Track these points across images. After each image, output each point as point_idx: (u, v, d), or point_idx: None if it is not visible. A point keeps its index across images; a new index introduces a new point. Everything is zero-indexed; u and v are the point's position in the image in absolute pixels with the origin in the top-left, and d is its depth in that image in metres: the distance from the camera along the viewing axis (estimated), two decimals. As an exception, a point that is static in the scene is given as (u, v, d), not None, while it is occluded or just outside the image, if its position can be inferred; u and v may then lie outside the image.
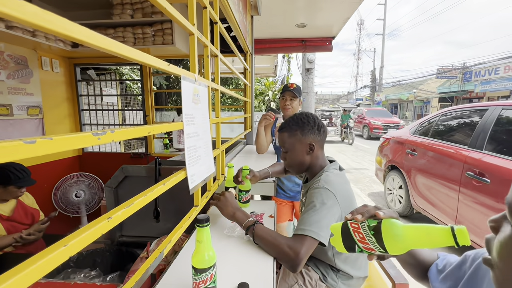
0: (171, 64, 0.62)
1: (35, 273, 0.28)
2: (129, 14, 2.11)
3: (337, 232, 0.50)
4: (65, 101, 2.58)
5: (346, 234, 0.49)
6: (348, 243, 0.48)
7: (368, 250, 0.47)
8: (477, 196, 2.04)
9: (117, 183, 1.36)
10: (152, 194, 0.53)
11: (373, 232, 0.45)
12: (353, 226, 0.48)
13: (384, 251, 0.45)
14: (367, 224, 0.47)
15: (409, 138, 3.21)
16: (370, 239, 0.45)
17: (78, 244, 0.34)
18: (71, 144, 0.33)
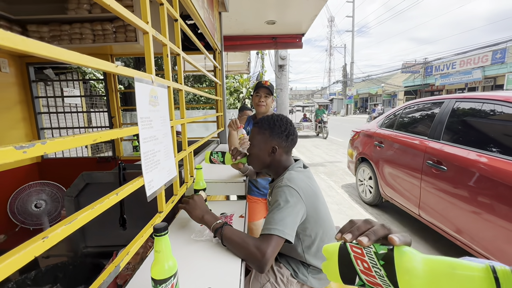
0: (119, 65, 0.58)
1: None
2: (86, 9, 1.97)
3: (331, 255, 0.39)
4: (18, 104, 2.35)
5: (344, 260, 0.37)
6: (346, 272, 0.37)
7: (373, 286, 0.36)
8: (436, 183, 2.20)
9: (78, 191, 1.28)
10: (101, 206, 0.50)
11: (383, 263, 0.35)
12: (355, 250, 0.37)
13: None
14: (373, 251, 0.36)
15: (377, 131, 3.38)
16: (378, 272, 0.35)
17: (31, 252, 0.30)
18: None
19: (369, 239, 0.36)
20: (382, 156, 3.10)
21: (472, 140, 2.06)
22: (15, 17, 1.90)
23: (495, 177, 1.72)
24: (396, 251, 0.34)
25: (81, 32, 2.00)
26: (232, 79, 10.54)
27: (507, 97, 1.92)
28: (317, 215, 0.93)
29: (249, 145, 1.04)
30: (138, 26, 0.69)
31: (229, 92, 10.36)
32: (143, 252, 1.12)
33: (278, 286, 0.98)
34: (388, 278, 0.34)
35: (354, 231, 0.38)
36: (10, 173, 2.25)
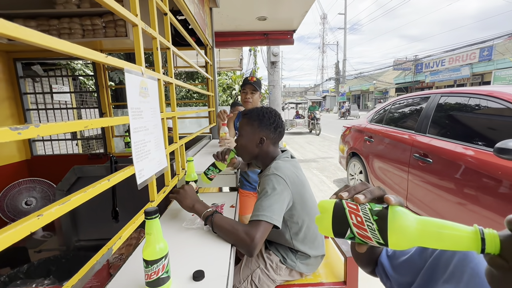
0: (109, 56, 0.59)
1: None
2: (74, 4, 1.95)
3: (326, 210, 0.41)
4: (6, 100, 2.32)
5: (338, 214, 0.40)
6: (339, 226, 0.40)
7: (363, 238, 0.38)
8: (422, 175, 2.27)
9: (69, 185, 1.28)
10: (94, 189, 0.52)
11: (376, 218, 0.37)
12: (350, 206, 0.40)
13: (383, 243, 0.37)
14: (369, 207, 0.39)
15: (366, 126, 3.45)
16: (370, 226, 0.37)
17: (17, 233, 0.32)
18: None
19: (365, 197, 0.39)
20: (371, 150, 3.17)
21: (457, 133, 2.13)
22: (1, 11, 1.87)
23: (479, 169, 1.79)
24: (391, 209, 0.37)
25: (70, 27, 1.98)
26: (225, 76, 10.51)
27: (490, 91, 2.00)
28: (303, 203, 0.97)
29: (229, 143, 1.07)
30: (127, 19, 0.71)
31: (222, 89, 10.33)
32: (136, 243, 1.14)
33: (268, 272, 1.02)
34: (379, 232, 0.37)
35: (350, 190, 0.42)
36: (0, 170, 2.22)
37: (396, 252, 0.55)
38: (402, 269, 0.51)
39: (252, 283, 1.01)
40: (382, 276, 0.56)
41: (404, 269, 0.51)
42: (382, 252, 0.57)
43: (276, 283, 1.03)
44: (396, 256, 0.54)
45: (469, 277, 0.39)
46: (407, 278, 0.49)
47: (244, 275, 1.03)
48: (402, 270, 0.51)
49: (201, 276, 0.65)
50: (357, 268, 1.04)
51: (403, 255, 0.52)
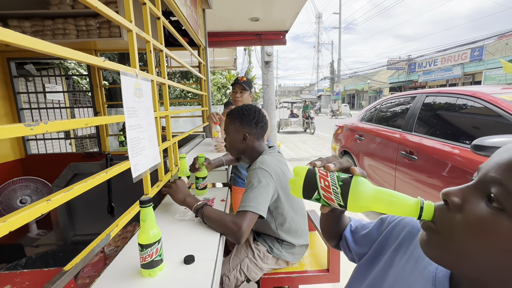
0: (107, 60, 0.65)
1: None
2: (69, 5, 1.98)
3: (299, 174, 0.47)
4: (0, 99, 2.34)
5: (310, 178, 0.46)
6: (308, 188, 0.46)
7: (327, 200, 0.45)
8: (408, 172, 2.37)
9: (66, 181, 1.33)
10: (93, 180, 0.58)
11: (341, 183, 0.43)
12: (321, 172, 0.45)
13: (343, 206, 0.43)
14: (336, 175, 0.44)
15: (357, 125, 3.54)
16: (335, 190, 0.43)
17: (16, 221, 0.38)
18: (2, 133, 0.37)
19: (335, 166, 0.45)
20: (362, 148, 3.27)
21: (441, 131, 2.23)
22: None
23: (462, 166, 1.89)
24: (354, 178, 0.44)
25: (64, 27, 2.01)
26: (219, 75, 10.54)
27: (473, 92, 2.10)
28: (287, 196, 1.04)
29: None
30: (122, 25, 0.77)
31: (217, 88, 10.36)
32: (131, 236, 1.20)
33: (255, 261, 1.09)
34: (341, 195, 0.43)
35: (323, 160, 0.48)
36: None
37: (358, 227, 0.62)
38: (362, 242, 0.58)
39: (241, 271, 1.08)
40: (345, 249, 0.63)
41: (363, 242, 0.58)
42: (346, 228, 0.64)
43: (264, 271, 1.11)
44: (358, 230, 0.61)
45: (414, 247, 0.47)
46: (365, 250, 0.57)
47: (234, 264, 1.10)
48: (362, 243, 0.58)
49: (191, 260, 0.72)
50: (339, 257, 1.12)
51: (363, 230, 0.59)
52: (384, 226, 0.55)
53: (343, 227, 0.64)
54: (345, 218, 0.65)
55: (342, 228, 0.64)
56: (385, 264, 0.49)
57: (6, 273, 0.61)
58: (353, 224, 0.64)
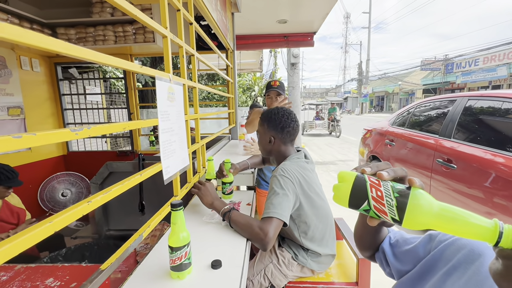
0: (144, 66, 0.68)
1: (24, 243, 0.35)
2: (109, 12, 2.12)
3: (346, 180, 0.42)
4: (47, 100, 2.56)
5: (358, 186, 0.41)
6: (356, 197, 0.41)
7: (378, 212, 0.40)
8: (446, 181, 2.20)
9: (102, 179, 1.41)
10: (129, 182, 0.60)
11: (397, 195, 0.38)
12: (372, 180, 0.41)
13: (398, 220, 0.38)
14: (391, 185, 0.40)
15: (388, 129, 3.36)
16: (389, 202, 0.39)
17: (61, 221, 0.40)
18: (52, 138, 0.39)
19: (389, 174, 0.41)
20: (392, 154, 3.09)
21: (485, 138, 2.04)
22: (46, 21, 2.08)
23: (508, 176, 1.71)
24: (413, 190, 0.39)
25: (104, 34, 2.16)
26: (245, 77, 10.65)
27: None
28: (310, 203, 1.01)
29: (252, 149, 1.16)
30: (157, 31, 0.79)
31: (242, 90, 10.47)
32: (160, 234, 1.24)
33: (280, 267, 1.06)
34: (397, 208, 0.38)
35: (373, 167, 0.44)
36: (40, 164, 2.46)
37: (398, 241, 0.57)
38: (403, 258, 0.53)
39: (265, 276, 1.06)
40: (382, 262, 0.59)
41: (406, 258, 0.53)
42: (385, 239, 0.59)
43: (288, 278, 1.08)
44: (399, 244, 0.56)
45: (472, 273, 0.41)
46: (407, 267, 0.52)
47: (258, 269, 1.09)
48: (404, 259, 0.53)
49: (218, 265, 0.72)
50: (370, 270, 1.06)
51: (406, 245, 0.54)
52: (434, 245, 0.49)
53: (381, 239, 0.60)
54: (384, 229, 0.60)
55: (380, 240, 0.60)
56: (433, 286, 0.45)
57: (49, 266, 0.65)
58: (393, 237, 0.59)
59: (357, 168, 0.45)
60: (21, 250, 0.34)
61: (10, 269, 0.64)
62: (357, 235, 0.63)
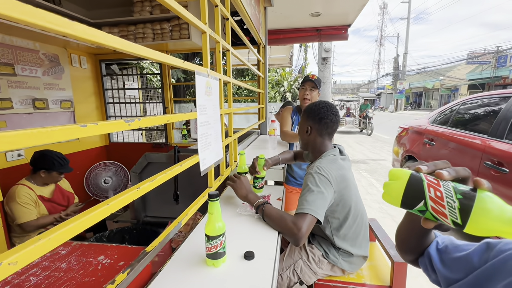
0: (185, 61, 0.70)
1: (89, 221, 0.39)
2: (148, 11, 2.23)
3: (400, 178, 0.40)
4: (93, 95, 2.78)
5: (414, 185, 0.38)
6: (411, 197, 0.39)
7: (436, 214, 0.37)
8: (495, 186, 1.99)
9: (141, 168, 1.51)
10: (171, 172, 0.64)
11: (460, 197, 0.35)
12: (430, 180, 0.38)
13: (459, 224, 0.35)
14: (452, 185, 0.37)
15: (428, 128, 3.14)
16: (450, 203, 0.36)
17: (118, 204, 0.44)
18: (109, 128, 0.43)
19: (449, 174, 0.37)
20: (432, 154, 2.88)
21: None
22: (93, 21, 2.24)
23: None
24: (480, 192, 0.35)
25: (143, 31, 2.27)
26: (274, 73, 10.58)
27: None
28: (345, 201, 0.99)
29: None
30: (198, 27, 0.82)
31: (271, 86, 10.43)
32: (192, 223, 1.30)
33: (309, 264, 1.06)
34: (460, 211, 0.35)
35: (430, 165, 0.40)
36: (86, 153, 2.70)
37: (448, 247, 0.53)
38: (453, 266, 0.50)
39: (295, 272, 1.06)
40: (428, 268, 0.55)
41: (456, 266, 0.49)
42: (431, 244, 0.56)
43: (318, 276, 1.07)
44: (448, 250, 0.52)
45: None
46: (457, 275, 0.48)
47: (287, 263, 1.09)
48: (454, 267, 0.50)
49: (251, 256, 0.73)
50: (405, 274, 1.01)
51: (457, 252, 0.50)
52: (492, 254, 0.45)
53: (427, 243, 0.56)
54: (431, 233, 0.56)
55: (426, 244, 0.56)
56: None
57: (100, 245, 0.72)
58: (441, 242, 0.55)
59: (409, 166, 0.41)
60: (87, 226, 0.38)
61: (68, 245, 0.71)
62: (401, 237, 0.59)
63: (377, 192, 3.69)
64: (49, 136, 0.32)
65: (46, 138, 0.32)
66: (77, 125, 0.36)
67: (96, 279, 0.59)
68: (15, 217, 1.59)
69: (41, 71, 2.17)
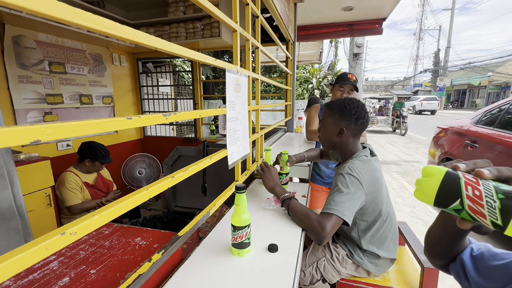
0: (217, 60, 0.74)
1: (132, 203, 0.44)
2: (181, 11, 2.33)
3: (434, 175, 0.39)
4: (130, 91, 2.99)
5: (450, 182, 0.37)
6: (446, 194, 0.38)
7: (473, 213, 0.36)
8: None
9: (173, 161, 1.60)
10: (201, 164, 0.68)
11: (502, 197, 0.34)
12: (468, 178, 0.37)
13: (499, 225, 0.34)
14: (493, 184, 0.35)
15: (470, 128, 2.89)
16: (490, 203, 0.34)
17: (155, 190, 0.49)
18: (150, 121, 0.47)
19: (491, 173, 0.36)
20: (474, 157, 2.64)
21: None
22: (132, 22, 2.40)
23: None
24: None
25: (177, 31, 2.38)
26: (302, 70, 10.41)
27: None
28: (375, 204, 0.95)
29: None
30: (229, 26, 0.85)
31: (299, 82, 10.28)
32: (219, 215, 1.35)
33: (333, 262, 1.05)
34: (501, 212, 0.34)
35: (469, 164, 0.38)
36: (124, 145, 2.91)
37: (484, 254, 0.50)
38: (490, 275, 0.47)
39: (317, 269, 1.06)
40: (460, 275, 0.53)
41: (494, 275, 0.47)
42: (465, 250, 0.53)
43: (342, 275, 1.06)
44: (484, 258, 0.50)
45: None
46: (494, 285, 0.46)
47: (310, 260, 1.09)
48: (490, 276, 0.47)
49: (275, 249, 0.75)
50: (436, 281, 0.96)
51: (495, 260, 0.48)
52: None
53: (460, 248, 0.53)
54: (465, 238, 0.53)
55: (459, 249, 0.53)
56: None
57: (137, 228, 0.79)
58: (476, 248, 0.52)
59: (446, 164, 0.40)
60: (129, 209, 0.42)
61: (110, 226, 0.80)
62: (431, 240, 0.57)
63: (409, 195, 3.50)
64: (102, 126, 0.37)
65: (99, 127, 0.36)
66: (123, 118, 0.40)
67: (134, 257, 0.65)
68: (64, 200, 1.78)
69: (87, 69, 2.38)
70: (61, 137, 0.31)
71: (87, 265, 0.62)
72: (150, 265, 0.54)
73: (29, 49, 1.91)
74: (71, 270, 0.60)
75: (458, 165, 0.39)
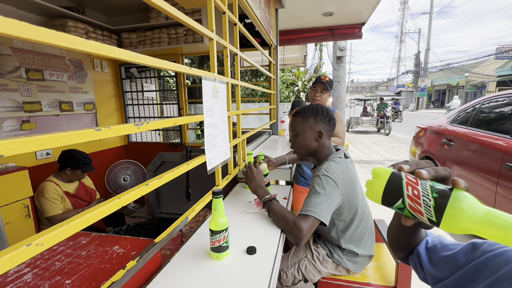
0: (192, 68, 0.76)
1: (101, 212, 0.45)
2: (163, 17, 2.33)
3: (381, 177, 0.42)
4: (113, 97, 2.94)
5: (393, 183, 0.40)
6: (390, 194, 0.40)
7: (413, 211, 0.39)
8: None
9: (156, 167, 1.59)
10: (178, 171, 0.69)
11: (436, 196, 0.37)
12: (409, 178, 0.39)
13: (434, 222, 0.37)
14: (430, 184, 0.38)
15: (447, 127, 3.02)
16: (426, 202, 0.37)
17: (127, 199, 0.50)
18: (121, 131, 0.48)
19: (429, 173, 0.39)
20: (450, 155, 2.78)
21: None
22: (114, 27, 2.38)
23: None
24: (456, 191, 0.36)
25: (159, 36, 2.38)
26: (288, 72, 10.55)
27: None
28: (351, 204, 0.99)
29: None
30: (205, 35, 0.87)
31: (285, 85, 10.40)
32: (203, 220, 1.36)
33: (314, 262, 1.08)
34: (435, 209, 0.36)
35: (412, 164, 0.41)
36: (107, 152, 2.86)
37: (436, 246, 0.54)
38: (440, 265, 0.51)
39: (299, 270, 1.09)
40: (416, 266, 0.56)
41: (443, 265, 0.50)
42: (421, 243, 0.57)
43: (322, 274, 1.09)
44: (436, 250, 0.53)
45: None
46: (443, 274, 0.49)
47: (292, 261, 1.12)
48: (441, 265, 0.51)
49: (253, 251, 0.77)
50: (410, 275, 1.01)
51: (445, 251, 0.51)
52: (477, 254, 0.46)
53: (416, 241, 0.57)
54: (421, 232, 0.57)
55: (415, 242, 0.57)
56: None
57: (115, 236, 0.79)
58: (430, 241, 0.56)
59: (394, 165, 0.43)
60: (100, 217, 0.43)
61: (88, 236, 0.79)
62: (391, 235, 0.61)
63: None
64: (69, 139, 0.38)
65: (66, 140, 0.38)
66: (92, 129, 0.41)
67: (111, 265, 0.66)
68: (43, 211, 1.73)
69: (67, 76, 2.33)
70: (25, 151, 0.32)
71: (62, 275, 0.62)
72: (124, 272, 0.55)
73: (4, 56, 1.85)
74: (46, 282, 0.60)
75: (403, 166, 0.42)
